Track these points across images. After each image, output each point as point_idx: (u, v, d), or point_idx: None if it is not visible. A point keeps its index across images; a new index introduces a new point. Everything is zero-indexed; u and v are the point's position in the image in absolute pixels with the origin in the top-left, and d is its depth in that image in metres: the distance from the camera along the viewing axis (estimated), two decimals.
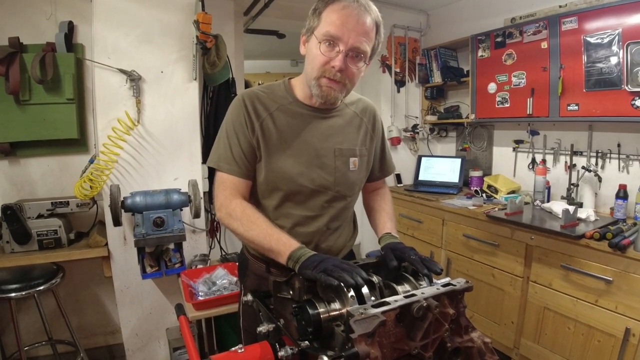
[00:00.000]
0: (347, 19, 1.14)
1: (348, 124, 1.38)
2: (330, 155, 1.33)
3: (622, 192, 2.50)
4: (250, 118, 1.28)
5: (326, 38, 1.17)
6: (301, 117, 1.32)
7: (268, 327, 1.05)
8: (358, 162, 1.38)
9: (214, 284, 2.12)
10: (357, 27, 1.15)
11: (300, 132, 1.31)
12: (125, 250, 2.43)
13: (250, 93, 1.33)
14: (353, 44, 1.16)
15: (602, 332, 2.18)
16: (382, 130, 1.53)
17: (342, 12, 1.15)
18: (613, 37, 2.40)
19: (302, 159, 1.30)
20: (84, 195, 2.23)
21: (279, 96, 1.34)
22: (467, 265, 2.98)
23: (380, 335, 0.83)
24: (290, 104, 1.32)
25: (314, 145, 1.31)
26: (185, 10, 2.38)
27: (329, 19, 1.16)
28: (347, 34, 1.15)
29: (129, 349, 2.56)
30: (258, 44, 5.11)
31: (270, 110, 1.30)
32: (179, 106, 2.44)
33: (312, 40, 1.22)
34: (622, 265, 2.07)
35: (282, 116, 1.31)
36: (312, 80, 1.23)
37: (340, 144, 1.35)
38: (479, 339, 0.99)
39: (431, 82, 3.91)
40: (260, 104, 1.30)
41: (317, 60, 1.20)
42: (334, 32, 1.15)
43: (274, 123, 1.29)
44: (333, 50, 1.17)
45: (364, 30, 1.17)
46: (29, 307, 2.69)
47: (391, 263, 1.12)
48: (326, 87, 1.22)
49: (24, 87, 2.38)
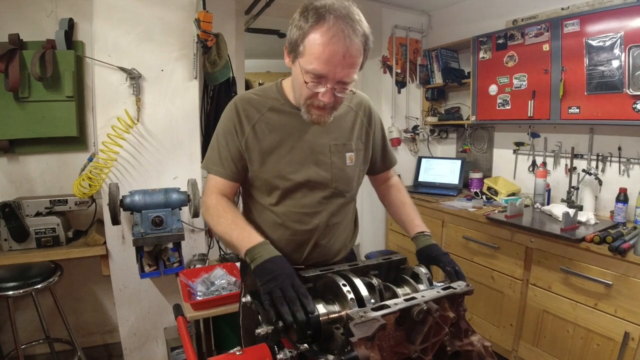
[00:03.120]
0: (333, 56, 1.08)
1: (342, 119, 1.38)
2: (326, 151, 1.33)
3: (623, 196, 2.49)
4: (241, 123, 1.30)
5: (312, 76, 1.13)
6: (294, 117, 1.31)
7: (267, 329, 1.04)
8: (354, 157, 1.38)
9: (213, 284, 2.11)
10: (343, 61, 1.10)
11: (294, 130, 1.31)
12: (123, 249, 2.42)
13: (242, 97, 1.35)
14: (340, 78, 1.13)
15: (601, 335, 2.17)
16: (380, 122, 1.52)
17: (327, 46, 1.08)
18: (615, 40, 2.39)
19: (298, 156, 1.31)
20: (82, 193, 2.22)
21: (271, 98, 1.34)
22: (466, 267, 2.97)
23: (380, 338, 0.82)
24: (282, 105, 1.33)
25: (308, 142, 1.31)
26: (187, 9, 2.37)
27: (314, 51, 1.10)
28: (332, 71, 1.11)
29: (126, 348, 2.56)
30: (259, 43, 5.11)
31: (263, 112, 1.31)
32: (179, 105, 2.44)
33: (297, 66, 1.17)
34: (622, 269, 2.07)
35: (275, 116, 1.32)
36: (302, 106, 1.24)
37: (336, 140, 1.35)
38: (478, 342, 0.98)
39: (432, 83, 3.90)
40: (252, 107, 1.31)
41: (304, 92, 1.19)
42: (320, 71, 1.11)
43: (267, 124, 1.31)
44: (319, 85, 1.15)
45: (351, 63, 1.12)
46: (26, 306, 2.68)
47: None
48: (316, 116, 1.23)
49: (23, 84, 2.38)
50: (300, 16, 1.12)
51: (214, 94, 2.82)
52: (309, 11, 1.10)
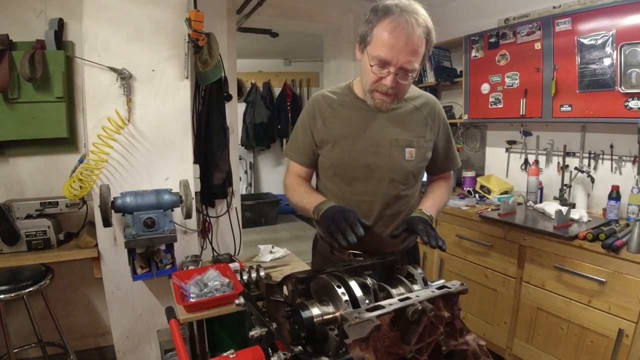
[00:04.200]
0: (397, 41, 1.25)
1: (406, 117, 1.50)
2: (386, 144, 1.47)
3: (615, 193, 2.51)
4: (314, 116, 1.54)
5: (377, 61, 1.29)
6: (361, 111, 1.49)
7: (260, 331, 1.03)
8: (415, 153, 1.49)
9: (206, 286, 2.09)
10: (405, 48, 1.25)
11: (359, 123, 1.48)
12: (115, 251, 2.40)
13: (318, 95, 1.59)
14: (402, 65, 1.28)
15: (595, 332, 2.18)
16: (446, 125, 1.61)
17: (392, 34, 1.25)
18: (607, 38, 2.40)
19: (360, 147, 1.47)
20: (73, 195, 2.20)
21: (342, 94, 1.54)
22: (460, 265, 2.97)
23: (374, 339, 0.81)
24: (351, 100, 1.51)
25: (371, 135, 1.47)
26: (177, 8, 2.35)
27: (380, 38, 1.27)
28: (396, 57, 1.26)
29: (119, 350, 2.53)
30: (251, 42, 5.10)
31: (334, 107, 1.52)
32: (171, 105, 2.41)
33: (365, 55, 1.35)
34: (615, 266, 2.08)
35: (344, 110, 1.51)
36: (367, 92, 1.41)
37: (397, 135, 1.47)
38: (473, 341, 0.98)
39: (424, 82, 3.89)
40: (325, 102, 1.54)
41: (369, 77, 1.35)
42: (384, 57, 1.27)
43: (337, 117, 1.51)
44: (383, 70, 1.30)
45: (413, 50, 1.27)
46: (18, 309, 2.65)
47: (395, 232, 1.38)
48: (379, 100, 1.39)
49: (12, 85, 2.34)
50: (371, 12, 1.31)
51: (205, 94, 2.80)
52: (379, 7, 1.29)
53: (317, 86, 6.83)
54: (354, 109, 1.50)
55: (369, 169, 1.47)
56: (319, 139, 1.53)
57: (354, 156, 1.47)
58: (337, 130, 1.50)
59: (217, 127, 2.84)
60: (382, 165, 1.46)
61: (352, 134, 1.48)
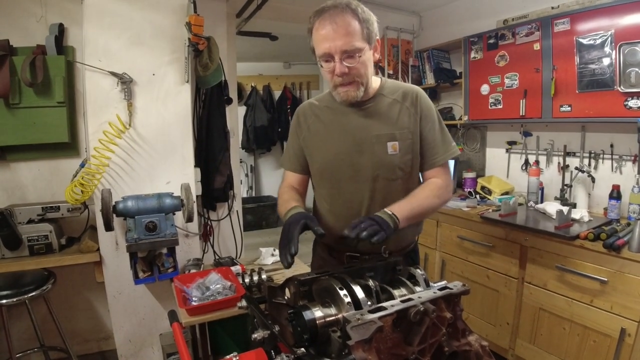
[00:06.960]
0: (327, 31, 1.30)
1: (387, 112, 1.50)
2: (369, 142, 1.47)
3: (616, 193, 2.51)
4: (300, 124, 1.61)
5: (321, 59, 1.36)
6: (341, 113, 1.51)
7: (263, 334, 1.03)
8: (398, 146, 1.47)
9: (208, 289, 2.09)
10: (335, 34, 1.29)
11: (341, 125, 1.51)
12: (117, 256, 2.40)
13: (304, 103, 1.66)
14: (340, 48, 1.30)
15: (597, 332, 2.18)
16: (430, 110, 1.52)
17: (321, 28, 1.32)
18: (606, 38, 2.41)
19: (344, 147, 1.49)
20: (75, 199, 2.20)
21: (324, 100, 1.59)
22: (461, 266, 2.97)
23: (377, 340, 0.82)
24: (332, 104, 1.54)
25: (353, 134, 1.48)
26: (177, 12, 2.36)
27: (316, 38, 1.35)
28: (332, 45, 1.30)
29: (122, 355, 2.53)
30: (251, 46, 5.10)
31: (317, 113, 1.58)
32: (171, 109, 2.42)
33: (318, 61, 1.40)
34: (616, 266, 2.08)
35: (326, 115, 1.55)
36: (333, 92, 1.46)
37: (379, 130, 1.47)
38: (476, 342, 0.98)
39: (424, 84, 3.90)
40: (310, 110, 1.60)
41: (326, 77, 1.42)
42: (324, 50, 1.32)
43: (320, 122, 1.56)
44: (330, 63, 1.34)
45: (345, 32, 1.30)
46: (20, 314, 2.65)
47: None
48: (343, 93, 1.41)
49: (13, 90, 2.35)
50: (309, 20, 1.37)
51: (206, 98, 2.81)
52: (312, 14, 1.36)
53: (317, 89, 6.82)
54: (334, 112, 1.53)
55: (354, 168, 1.48)
56: (305, 145, 1.59)
57: (339, 157, 1.50)
58: (321, 134, 1.55)
59: (218, 130, 2.84)
60: (366, 163, 1.47)
61: (335, 136, 1.51)
